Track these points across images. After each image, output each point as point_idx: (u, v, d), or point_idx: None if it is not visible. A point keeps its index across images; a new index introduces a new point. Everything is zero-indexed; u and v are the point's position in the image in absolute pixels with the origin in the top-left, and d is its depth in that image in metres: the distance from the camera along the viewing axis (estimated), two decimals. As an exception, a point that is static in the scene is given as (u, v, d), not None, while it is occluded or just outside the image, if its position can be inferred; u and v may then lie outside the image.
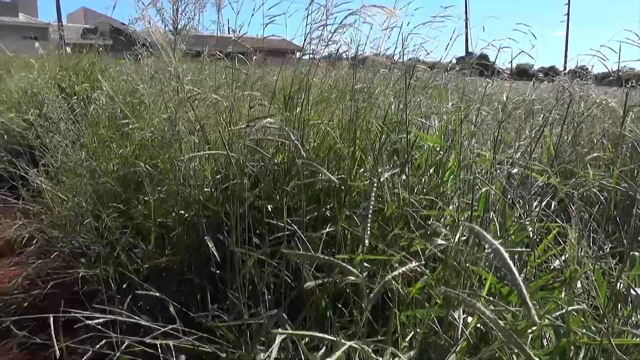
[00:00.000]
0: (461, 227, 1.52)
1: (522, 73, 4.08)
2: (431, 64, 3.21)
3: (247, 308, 1.88)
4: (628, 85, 2.39)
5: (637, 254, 1.34)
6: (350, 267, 0.99)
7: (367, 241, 0.64)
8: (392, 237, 1.72)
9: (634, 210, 1.45)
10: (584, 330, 1.05)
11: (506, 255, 0.62)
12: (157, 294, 2.03)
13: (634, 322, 1.17)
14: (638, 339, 1.06)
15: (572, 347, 1.06)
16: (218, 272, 2.20)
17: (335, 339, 0.95)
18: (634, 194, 1.45)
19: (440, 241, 1.60)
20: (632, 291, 1.27)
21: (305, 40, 2.13)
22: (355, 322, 1.55)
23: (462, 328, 1.22)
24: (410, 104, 2.21)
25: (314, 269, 1.74)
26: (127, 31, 3.38)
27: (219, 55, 2.63)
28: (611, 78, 2.48)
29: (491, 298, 1.37)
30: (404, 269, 1.05)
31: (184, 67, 2.40)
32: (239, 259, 1.94)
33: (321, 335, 0.87)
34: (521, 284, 0.59)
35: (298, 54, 2.78)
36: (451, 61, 3.05)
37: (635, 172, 2.03)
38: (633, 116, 2.34)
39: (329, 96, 2.27)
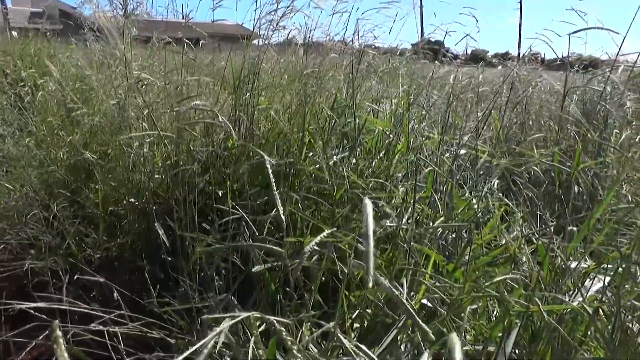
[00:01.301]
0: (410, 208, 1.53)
1: (478, 59, 4.14)
2: (386, 50, 3.23)
3: (197, 294, 1.86)
4: (573, 70, 2.45)
5: (574, 229, 1.38)
6: (276, 248, 0.99)
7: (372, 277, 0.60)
8: (343, 219, 1.73)
9: (573, 188, 1.49)
10: (517, 300, 1.08)
11: (370, 221, 0.62)
12: (106, 282, 1.99)
13: (569, 291, 1.20)
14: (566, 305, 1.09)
15: (509, 317, 1.09)
16: (169, 259, 2.18)
17: (273, 319, 0.94)
18: (572, 171, 1.50)
19: (388, 222, 1.61)
20: (571, 264, 1.30)
21: (255, 25, 2.11)
22: (305, 304, 1.55)
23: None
24: (360, 89, 2.22)
25: (263, 253, 1.73)
26: (76, 15, 3.27)
27: (168, 40, 2.58)
28: (557, 62, 2.54)
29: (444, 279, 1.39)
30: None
31: (133, 52, 2.34)
32: (189, 246, 1.92)
33: (257, 314, 0.86)
34: (371, 245, 0.59)
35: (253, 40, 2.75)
36: (398, 46, 3.07)
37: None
38: (576, 98, 2.41)
39: (279, 81, 2.25)
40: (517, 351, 1.27)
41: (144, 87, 2.18)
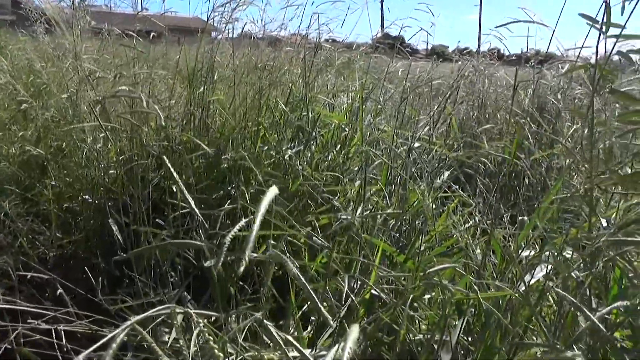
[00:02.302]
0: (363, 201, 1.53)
1: (438, 54, 4.20)
2: (346, 44, 3.23)
3: (153, 290, 1.84)
4: (528, 65, 2.50)
5: (525, 218, 1.41)
6: (198, 242, 0.98)
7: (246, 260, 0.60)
8: (298, 213, 1.72)
9: (524, 180, 1.52)
10: (459, 288, 1.09)
11: (264, 205, 0.63)
12: (60, 280, 1.94)
13: (515, 279, 1.22)
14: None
15: (451, 306, 1.10)
16: (124, 255, 2.14)
17: (219, 315, 0.93)
18: (521, 163, 1.53)
19: (343, 215, 1.62)
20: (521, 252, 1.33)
21: (208, 18, 2.08)
22: (259, 299, 1.54)
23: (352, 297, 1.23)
24: (316, 82, 2.22)
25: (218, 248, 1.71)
26: (25, 5, 3.17)
27: (122, 33, 2.51)
28: (513, 58, 2.59)
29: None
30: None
31: (84, 45, 2.28)
32: (144, 242, 1.89)
33: (206, 312, 0.85)
34: (256, 229, 0.59)
35: (211, 33, 2.72)
36: (358, 40, 3.07)
37: (533, 143, 2.13)
38: (531, 92, 2.46)
39: (234, 75, 2.23)
40: (469, 338, 1.29)
41: (94, 80, 2.13)
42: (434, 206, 1.55)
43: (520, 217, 1.44)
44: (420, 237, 1.35)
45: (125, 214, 2.11)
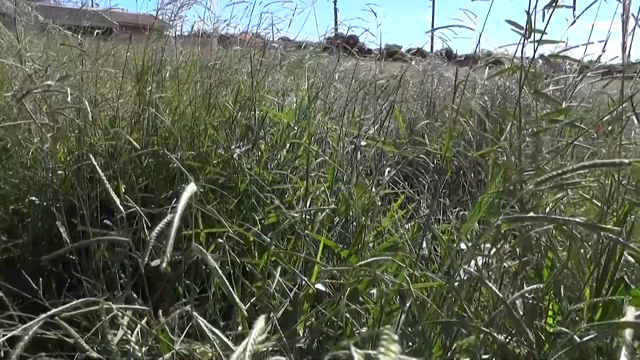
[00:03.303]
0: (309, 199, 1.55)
1: (391, 54, 4.25)
2: (299, 43, 3.25)
3: (101, 292, 1.81)
4: (478, 65, 2.56)
5: (466, 212, 1.45)
6: (122, 238, 0.98)
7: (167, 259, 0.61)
8: (247, 211, 1.73)
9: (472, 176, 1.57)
10: (393, 280, 1.12)
11: (183, 202, 0.65)
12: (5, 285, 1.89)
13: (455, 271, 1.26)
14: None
15: (385, 297, 1.13)
16: (74, 258, 2.10)
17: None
18: (466, 161, 1.57)
19: (292, 213, 1.63)
20: (462, 245, 1.37)
21: (157, 14, 2.06)
22: (208, 297, 1.54)
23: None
24: (265, 81, 2.23)
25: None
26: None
27: (63, 27, 2.45)
28: (462, 58, 2.65)
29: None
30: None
31: (27, 40, 2.23)
32: (93, 243, 1.86)
33: (137, 307, 0.85)
34: (174, 226, 0.61)
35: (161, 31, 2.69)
36: (312, 40, 3.09)
37: (481, 142, 2.19)
38: (479, 91, 2.53)
39: (184, 73, 2.22)
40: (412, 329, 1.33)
41: (39, 79, 2.08)
42: (379, 203, 1.58)
43: (462, 212, 1.48)
44: (363, 232, 1.38)
45: (73, 216, 2.08)
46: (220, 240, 1.64)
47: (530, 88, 1.09)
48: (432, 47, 3.50)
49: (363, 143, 1.73)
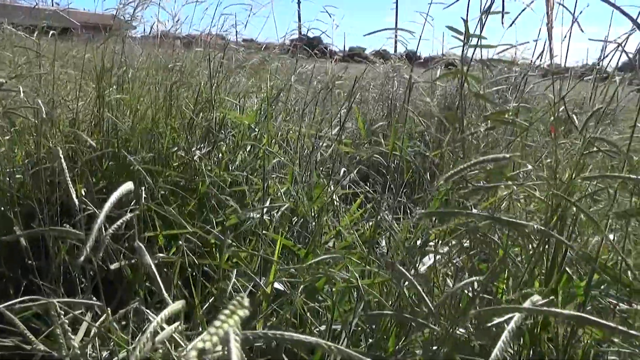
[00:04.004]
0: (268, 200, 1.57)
1: (355, 56, 4.30)
2: (263, 45, 3.26)
3: (62, 297, 1.80)
4: (430, 67, 2.61)
5: (422, 210, 1.49)
6: (75, 231, 0.99)
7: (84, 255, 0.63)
8: (208, 213, 1.74)
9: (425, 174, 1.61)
10: (343, 276, 1.15)
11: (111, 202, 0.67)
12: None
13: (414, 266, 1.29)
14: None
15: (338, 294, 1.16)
16: (33, 262, 2.07)
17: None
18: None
19: (251, 214, 1.65)
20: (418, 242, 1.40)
21: (115, 16, 2.05)
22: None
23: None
24: (226, 83, 2.23)
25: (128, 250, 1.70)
26: None
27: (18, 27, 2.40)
28: (421, 61, 2.70)
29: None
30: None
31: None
32: (54, 247, 1.84)
33: (82, 300, 0.85)
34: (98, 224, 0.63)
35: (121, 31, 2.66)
36: (276, 41, 3.11)
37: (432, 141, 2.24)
38: (438, 93, 2.58)
39: (144, 75, 2.21)
40: (374, 326, 1.36)
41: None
42: (337, 202, 1.61)
43: (418, 210, 1.52)
44: (320, 232, 1.40)
45: (32, 220, 2.05)
46: (181, 242, 1.65)
47: (472, 90, 1.13)
48: (395, 49, 3.54)
49: (322, 144, 1.76)
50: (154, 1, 2.01)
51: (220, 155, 1.87)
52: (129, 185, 0.70)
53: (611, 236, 1.66)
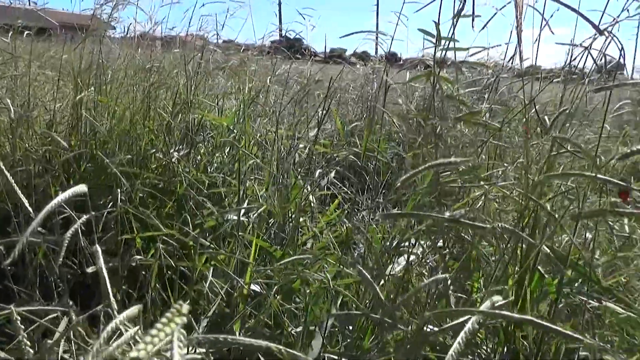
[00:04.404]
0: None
1: (336, 57, 4.32)
2: (244, 46, 3.25)
3: (39, 302, 1.78)
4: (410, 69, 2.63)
5: (398, 211, 1.50)
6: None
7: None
8: (187, 215, 1.73)
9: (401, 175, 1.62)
10: (316, 275, 1.16)
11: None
12: None
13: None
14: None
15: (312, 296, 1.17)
16: (9, 268, 2.05)
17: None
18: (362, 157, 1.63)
19: (232, 216, 1.65)
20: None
21: (93, 16, 2.03)
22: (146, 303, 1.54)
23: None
24: (207, 84, 2.23)
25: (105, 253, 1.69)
26: None
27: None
28: (400, 62, 2.72)
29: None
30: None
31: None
32: (30, 252, 1.83)
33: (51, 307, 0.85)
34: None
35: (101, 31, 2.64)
36: (256, 43, 3.11)
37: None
38: (417, 95, 2.60)
39: (123, 76, 2.20)
40: (351, 327, 1.37)
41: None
42: (314, 203, 1.62)
43: (394, 211, 1.53)
44: (296, 233, 1.41)
45: (8, 224, 2.03)
46: (161, 244, 1.65)
47: (444, 92, 1.15)
48: (376, 50, 3.56)
49: (300, 145, 1.77)
50: (132, 2, 2.00)
51: (199, 157, 1.87)
52: (80, 188, 0.70)
53: (588, 235, 1.70)
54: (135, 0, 2.04)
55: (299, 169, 1.82)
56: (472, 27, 1.12)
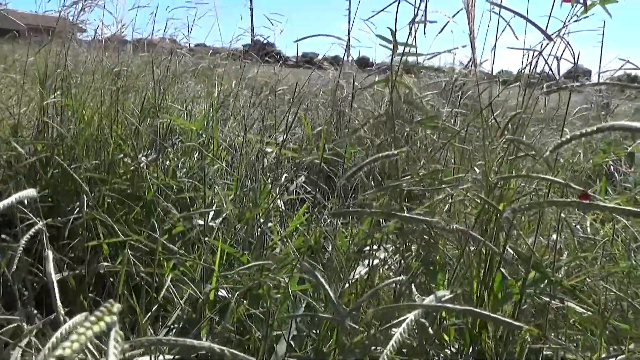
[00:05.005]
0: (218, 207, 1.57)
1: (308, 61, 4.34)
2: (210, 50, 3.24)
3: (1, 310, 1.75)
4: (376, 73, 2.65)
5: (344, 210, 1.51)
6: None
7: None
8: (154, 220, 1.72)
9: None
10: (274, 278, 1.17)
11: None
12: None
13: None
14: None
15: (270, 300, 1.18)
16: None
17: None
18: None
19: (200, 222, 1.65)
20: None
21: (59, 18, 2.01)
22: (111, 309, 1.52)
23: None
24: (176, 88, 2.22)
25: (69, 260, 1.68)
26: None
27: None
28: (371, 67, 2.75)
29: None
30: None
31: None
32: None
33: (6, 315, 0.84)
34: None
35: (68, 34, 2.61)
36: (229, 46, 3.10)
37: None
38: (387, 99, 2.61)
39: (90, 79, 2.17)
40: (318, 331, 1.38)
41: None
42: (282, 208, 1.62)
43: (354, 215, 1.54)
44: (263, 237, 1.41)
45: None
46: (129, 251, 1.63)
47: (401, 97, 1.17)
48: (348, 54, 3.58)
49: (269, 149, 1.77)
50: (99, 4, 1.98)
51: (168, 162, 1.86)
52: (29, 192, 0.69)
53: (554, 236, 1.74)
54: (102, 2, 2.02)
55: (268, 174, 1.83)
56: (424, 34, 1.15)
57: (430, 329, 1.30)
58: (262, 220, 1.58)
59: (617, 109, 3.55)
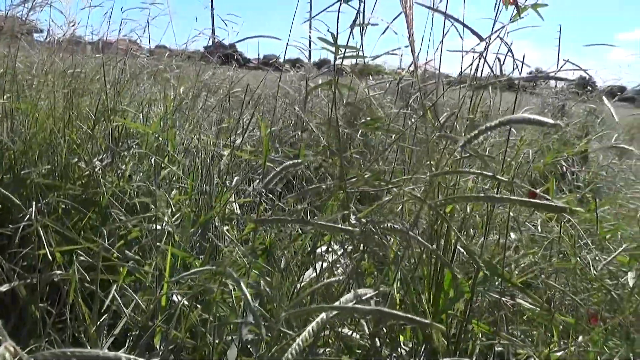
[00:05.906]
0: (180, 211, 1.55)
1: (270, 64, 4.32)
2: (166, 52, 3.20)
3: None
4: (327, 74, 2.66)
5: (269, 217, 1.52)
6: None
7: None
8: (109, 226, 1.70)
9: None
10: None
11: None
12: None
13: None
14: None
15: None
16: None
17: None
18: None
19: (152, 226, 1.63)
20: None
21: (6, 18, 1.96)
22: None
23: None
24: (133, 89, 2.19)
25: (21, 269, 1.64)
26: None
27: None
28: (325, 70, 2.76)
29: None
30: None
31: None
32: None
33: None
34: None
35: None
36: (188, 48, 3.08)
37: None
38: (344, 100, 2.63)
39: (44, 81, 2.12)
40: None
41: None
42: (238, 211, 1.62)
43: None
44: (216, 241, 1.41)
45: None
46: (82, 257, 1.60)
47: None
48: (310, 57, 3.59)
49: (225, 152, 1.77)
50: (48, 3, 1.93)
51: (123, 166, 1.83)
52: None
53: (512, 236, 1.78)
54: (51, 1, 1.97)
55: (225, 177, 1.82)
56: (361, 38, 1.17)
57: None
58: (217, 224, 1.58)
59: (571, 110, 3.70)
